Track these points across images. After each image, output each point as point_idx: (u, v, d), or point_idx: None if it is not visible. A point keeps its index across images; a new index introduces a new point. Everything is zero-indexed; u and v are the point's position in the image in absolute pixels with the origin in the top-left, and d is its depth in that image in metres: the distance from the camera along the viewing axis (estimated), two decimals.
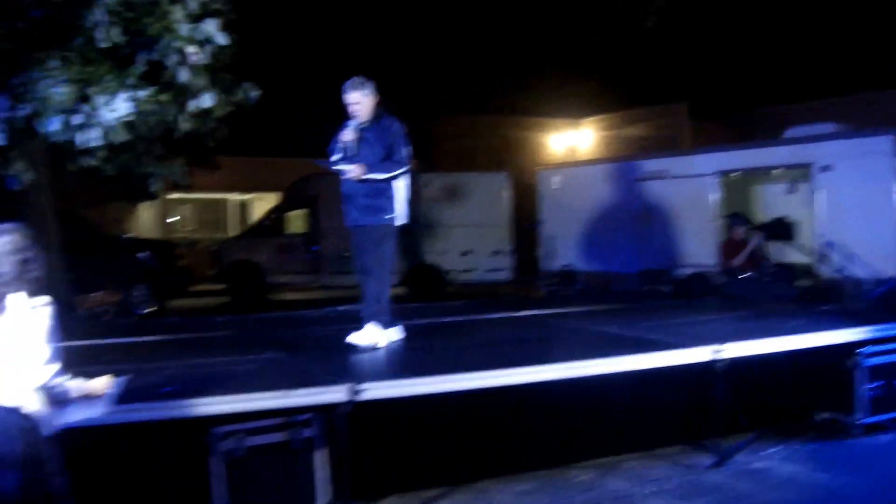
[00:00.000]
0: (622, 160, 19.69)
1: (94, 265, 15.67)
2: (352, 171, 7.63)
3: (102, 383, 4.50)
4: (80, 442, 4.99)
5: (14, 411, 4.12)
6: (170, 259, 18.96)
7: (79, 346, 7.81)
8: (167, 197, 28.35)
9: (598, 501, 6.72)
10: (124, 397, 4.74)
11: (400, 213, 7.93)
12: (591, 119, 32.53)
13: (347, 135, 7.75)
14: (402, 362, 7.23)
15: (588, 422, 7.71)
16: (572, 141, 32.64)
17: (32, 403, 4.15)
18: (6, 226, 4.36)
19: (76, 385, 4.39)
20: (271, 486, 5.91)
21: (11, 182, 12.10)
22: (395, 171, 7.73)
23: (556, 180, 19.96)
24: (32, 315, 4.20)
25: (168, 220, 31.23)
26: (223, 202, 32.90)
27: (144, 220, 30.03)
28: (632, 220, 17.74)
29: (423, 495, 6.88)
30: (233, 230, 31.21)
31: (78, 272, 14.15)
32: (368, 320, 7.73)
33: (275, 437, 5.87)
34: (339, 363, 6.95)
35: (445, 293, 21.25)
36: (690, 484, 7.07)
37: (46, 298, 4.29)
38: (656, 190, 17.34)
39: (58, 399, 4.28)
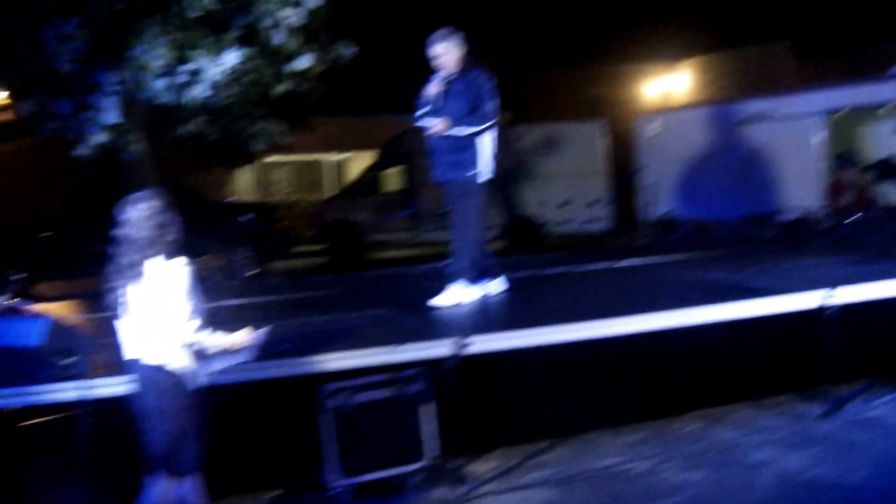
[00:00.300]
0: (722, 103, 19.26)
1: (198, 230, 15.99)
2: (435, 125, 7.51)
3: (243, 336, 4.79)
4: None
5: (160, 368, 4.46)
6: (271, 221, 19.22)
7: None
8: (264, 160, 28.72)
9: (705, 452, 6.68)
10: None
11: (484, 169, 7.73)
12: (687, 62, 31.85)
13: (433, 88, 7.60)
14: (507, 315, 7.23)
15: (694, 372, 7.64)
16: (669, 86, 32.06)
17: (177, 360, 4.47)
18: (143, 192, 4.71)
19: (218, 339, 4.64)
20: (379, 441, 6.01)
21: (129, 155, 12.41)
22: (479, 125, 7.56)
23: (654, 127, 19.64)
24: (172, 276, 4.46)
25: (266, 183, 31.63)
26: (319, 163, 33.14)
27: (243, 184, 30.48)
28: (733, 165, 17.38)
29: (529, 448, 6.91)
30: (330, 191, 31.47)
31: (184, 238, 14.48)
32: (452, 279, 7.65)
33: (382, 393, 5.98)
34: (444, 318, 7.01)
35: (543, 245, 21.17)
36: (800, 434, 6.98)
37: (184, 260, 4.53)
38: (758, 132, 16.94)
39: (201, 354, 4.57)
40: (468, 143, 7.57)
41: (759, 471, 6.23)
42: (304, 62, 12.25)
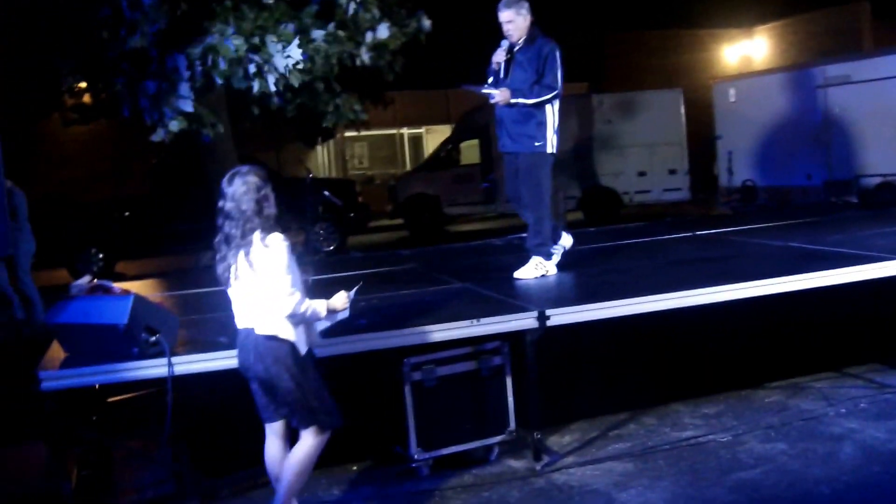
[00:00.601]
0: (801, 67, 18.92)
1: (278, 206, 16.19)
2: (498, 95, 7.35)
3: (341, 298, 4.98)
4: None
5: (272, 338, 4.67)
6: (350, 197, 19.41)
7: None
8: (341, 135, 28.95)
9: (787, 422, 6.63)
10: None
11: (551, 140, 7.48)
12: (765, 27, 31.28)
13: (499, 55, 7.40)
14: (587, 286, 7.21)
15: (776, 341, 7.57)
16: (746, 51, 31.52)
17: (285, 330, 4.66)
18: (245, 167, 4.83)
19: (318, 305, 4.81)
20: (460, 414, 6.09)
21: (204, 136, 12.61)
22: (544, 95, 7.32)
23: (732, 93, 19.36)
24: (273, 249, 4.60)
25: (343, 159, 31.86)
26: (396, 137, 33.30)
27: (320, 160, 30.74)
28: (814, 130, 17.09)
29: (610, 419, 6.94)
30: (407, 165, 31.62)
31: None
32: (532, 253, 7.60)
33: (464, 366, 6.04)
34: (525, 290, 7.01)
35: (622, 215, 21.06)
36: (884, 403, 6.89)
37: (282, 234, 4.68)
38: (839, 96, 16.63)
39: (306, 321, 4.77)
40: (534, 114, 7.36)
41: (841, 442, 6.18)
42: (382, 31, 12.30)
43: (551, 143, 7.44)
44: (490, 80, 7.51)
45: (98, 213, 17.64)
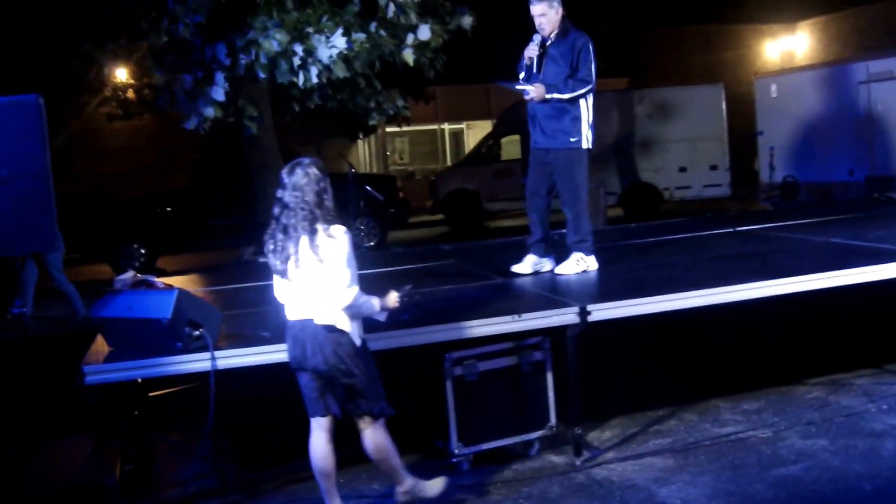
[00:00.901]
0: (844, 63, 18.73)
1: None
2: (532, 91, 7.20)
3: (393, 297, 5.10)
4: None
5: (331, 329, 4.77)
6: (391, 192, 19.46)
7: None
8: (382, 131, 29.02)
9: (828, 418, 6.59)
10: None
11: (586, 135, 7.34)
12: (807, 22, 30.97)
13: (531, 50, 7.26)
14: (628, 281, 7.17)
15: (817, 337, 7.52)
16: (789, 46, 31.23)
17: (343, 321, 4.76)
18: (307, 158, 4.93)
19: (374, 300, 4.95)
20: (501, 409, 6.10)
21: (246, 129, 12.69)
22: (579, 90, 7.18)
23: (774, 89, 19.21)
24: (338, 241, 4.70)
25: (384, 154, 31.93)
26: (437, 132, 33.33)
27: (361, 154, 30.84)
28: (856, 126, 16.92)
29: (650, 415, 6.93)
30: (448, 160, 31.64)
31: None
32: (573, 250, 7.51)
33: (505, 361, 6.06)
34: (565, 286, 7.00)
35: (662, 211, 20.97)
36: None
37: (343, 227, 4.78)
38: (882, 92, 16.43)
39: (361, 313, 4.90)
40: (569, 109, 7.22)
41: (882, 438, 6.13)
42: (424, 33, 12.31)
43: (587, 139, 7.32)
44: (522, 75, 7.44)
45: (140, 208, 17.80)
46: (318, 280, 4.73)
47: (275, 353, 5.42)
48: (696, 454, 6.13)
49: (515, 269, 7.58)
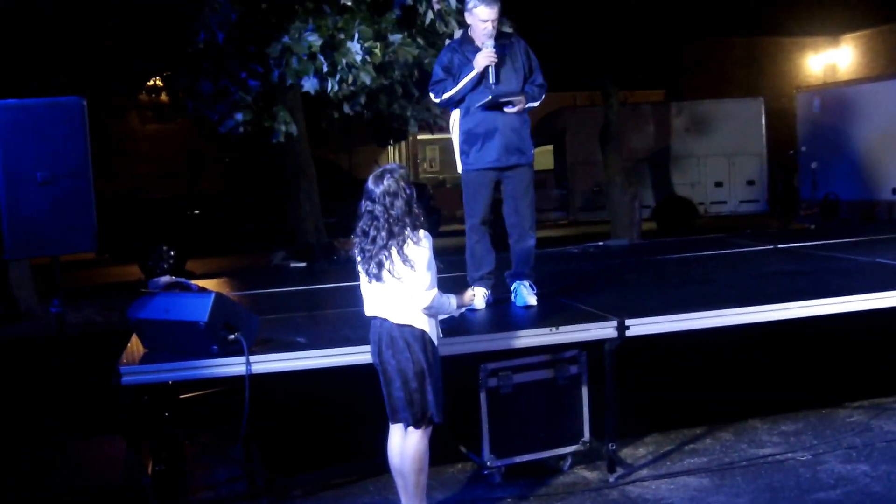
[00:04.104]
0: (889, 78, 18.51)
1: (349, 209, 16.32)
2: (516, 104, 6.51)
3: (469, 294, 5.44)
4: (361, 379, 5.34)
5: (409, 328, 4.87)
6: (422, 200, 19.39)
7: (343, 287, 8.19)
8: (413, 138, 28.99)
9: (870, 443, 6.46)
10: None
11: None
12: (852, 35, 30.64)
13: (490, 57, 6.41)
14: (666, 297, 7.07)
15: (860, 359, 7.40)
16: (832, 60, 30.93)
17: (421, 321, 4.87)
18: (393, 165, 5.02)
19: (453, 299, 5.13)
20: (535, 423, 6.03)
21: (275, 135, 12.72)
22: (542, 97, 6.66)
23: (816, 103, 18.99)
24: (423, 246, 4.86)
25: (415, 162, 31.91)
26: None
27: (391, 162, 30.83)
28: None
29: (685, 433, 6.84)
30: None
31: (338, 216, 14.79)
32: (527, 279, 6.83)
33: (541, 374, 5.99)
34: (602, 299, 6.88)
35: (697, 226, 20.82)
36: None
37: (425, 231, 4.91)
38: None
39: (440, 313, 5.04)
40: (527, 120, 6.67)
41: None
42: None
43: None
44: (462, 84, 6.55)
45: (170, 211, 17.83)
46: (404, 283, 4.83)
47: (311, 359, 5.42)
48: (733, 475, 6.04)
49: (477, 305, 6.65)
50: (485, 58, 6.41)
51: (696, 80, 29.18)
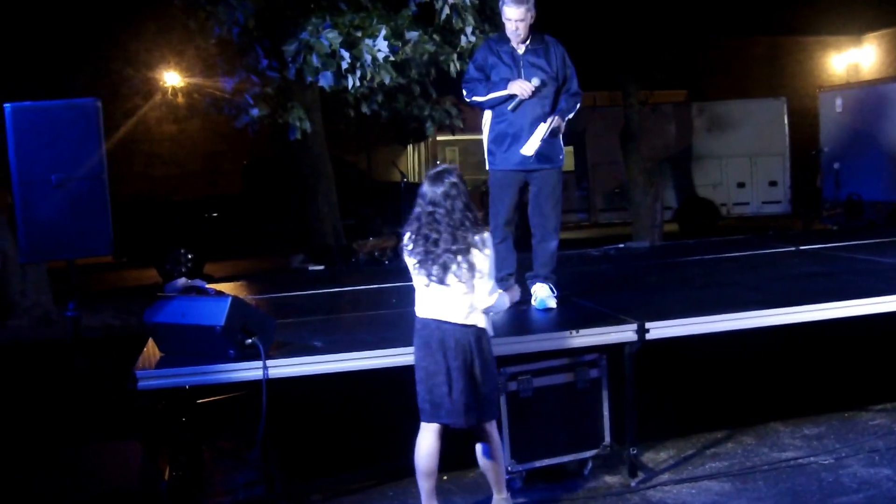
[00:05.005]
0: None
1: (371, 210, 16.31)
2: (555, 121, 6.45)
3: (517, 290, 5.67)
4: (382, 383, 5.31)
5: (472, 328, 4.95)
6: None
7: (361, 291, 8.17)
8: (433, 139, 28.96)
9: (893, 447, 6.38)
10: None
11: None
12: (875, 34, 30.39)
13: (522, 91, 6.36)
14: (687, 299, 6.99)
15: (883, 362, 7.32)
16: (854, 59, 30.70)
17: (482, 321, 4.97)
18: (448, 166, 5.11)
19: (505, 298, 5.29)
20: (557, 426, 5.99)
21: (292, 132, 12.70)
22: (578, 105, 6.65)
23: (839, 103, 18.83)
24: (487, 248, 4.94)
25: (434, 163, 31.88)
26: None
27: (411, 163, 30.80)
28: None
29: (706, 437, 6.77)
30: None
31: (357, 218, 14.76)
32: (546, 281, 6.78)
33: (561, 377, 5.94)
34: (622, 302, 6.81)
35: (719, 227, 20.71)
36: None
37: (488, 233, 4.99)
38: None
39: (497, 310, 5.29)
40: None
41: None
42: (472, 39, 12.22)
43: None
44: (494, 97, 6.53)
45: (188, 213, 17.83)
46: (468, 285, 4.93)
47: (327, 364, 5.40)
48: (755, 479, 5.98)
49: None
50: (519, 89, 6.37)
51: (718, 80, 28.99)
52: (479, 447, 5.21)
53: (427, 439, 5.13)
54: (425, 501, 5.20)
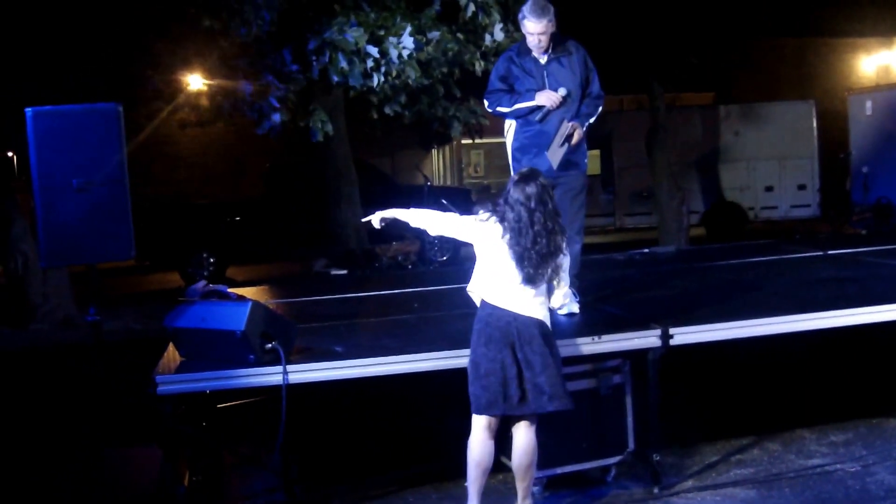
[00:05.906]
0: None
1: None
2: (574, 129, 6.41)
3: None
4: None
5: (543, 323, 5.14)
6: (465, 206, 19.32)
7: (384, 295, 8.15)
8: (457, 143, 28.92)
9: None
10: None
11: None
12: None
13: (549, 101, 6.37)
14: (711, 304, 6.92)
15: None
16: (885, 61, 30.44)
17: (548, 316, 5.20)
18: (533, 169, 5.24)
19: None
20: (579, 432, 5.92)
21: (314, 134, 12.69)
22: (600, 109, 6.68)
23: (869, 106, 18.66)
24: (567, 255, 5.20)
25: (458, 166, 31.82)
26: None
27: (435, 166, 30.78)
28: None
29: (731, 444, 6.70)
30: None
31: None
32: (570, 284, 6.42)
33: (583, 383, 5.88)
34: (646, 307, 6.77)
35: (747, 231, 20.55)
36: None
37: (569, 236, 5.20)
38: None
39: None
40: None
41: None
42: (499, 34, 12.17)
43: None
44: (520, 108, 6.54)
45: (210, 217, 17.84)
46: (548, 284, 5.14)
47: (348, 369, 5.36)
48: (780, 486, 5.90)
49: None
50: (547, 100, 6.38)
51: (746, 82, 28.81)
52: (516, 449, 5.18)
53: (480, 435, 5.12)
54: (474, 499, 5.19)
